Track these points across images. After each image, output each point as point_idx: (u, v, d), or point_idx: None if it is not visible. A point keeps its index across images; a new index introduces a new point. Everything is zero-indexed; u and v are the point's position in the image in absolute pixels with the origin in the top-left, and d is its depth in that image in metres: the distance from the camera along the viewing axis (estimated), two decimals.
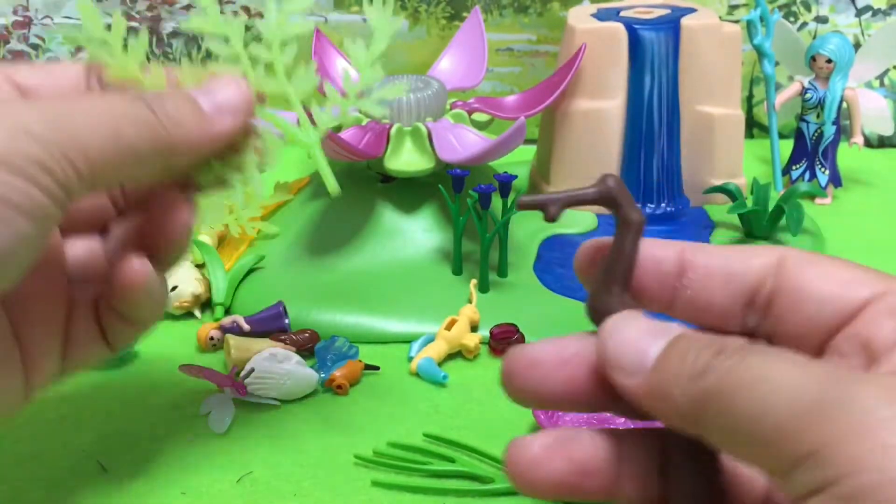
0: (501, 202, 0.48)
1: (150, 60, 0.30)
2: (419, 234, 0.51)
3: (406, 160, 0.50)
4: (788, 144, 0.63)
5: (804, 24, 0.71)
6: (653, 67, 0.54)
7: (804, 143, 0.61)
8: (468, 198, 0.48)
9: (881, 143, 0.71)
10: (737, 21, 0.60)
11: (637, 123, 0.55)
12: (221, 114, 0.29)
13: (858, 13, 0.70)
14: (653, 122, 0.55)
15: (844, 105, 0.60)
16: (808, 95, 0.60)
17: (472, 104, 0.55)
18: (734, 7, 0.71)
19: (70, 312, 0.31)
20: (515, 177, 0.48)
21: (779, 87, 0.62)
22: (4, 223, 0.24)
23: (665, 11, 0.57)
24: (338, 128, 0.52)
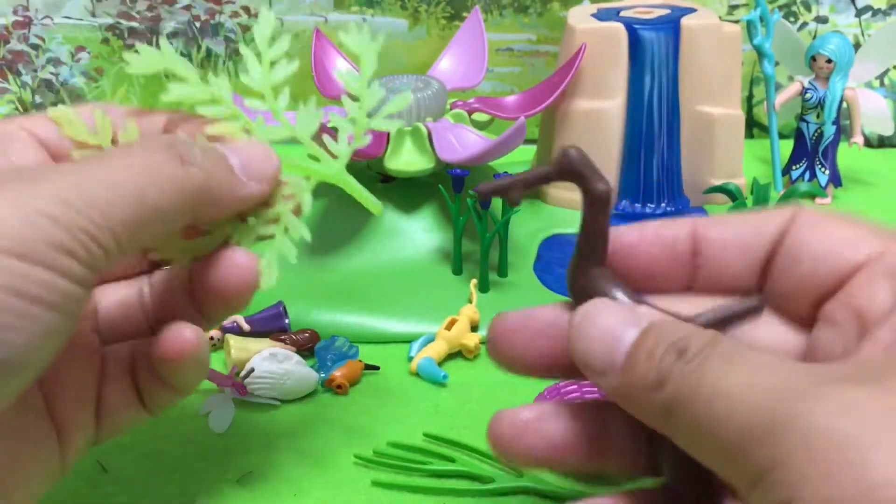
0: (501, 202, 0.48)
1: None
2: (419, 234, 0.51)
3: (406, 160, 0.50)
4: (788, 144, 0.63)
5: (804, 24, 0.71)
6: (653, 67, 0.54)
7: (804, 143, 0.61)
8: (468, 198, 0.48)
9: (881, 143, 0.71)
10: (737, 21, 0.60)
11: (637, 123, 0.55)
12: (250, 178, 0.28)
13: (858, 13, 0.70)
14: (653, 122, 0.55)
15: (844, 105, 0.60)
16: (808, 95, 0.60)
17: (472, 104, 0.55)
18: (734, 7, 0.71)
19: (102, 376, 0.29)
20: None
21: (779, 87, 0.62)
22: (26, 319, 0.21)
23: (665, 11, 0.57)
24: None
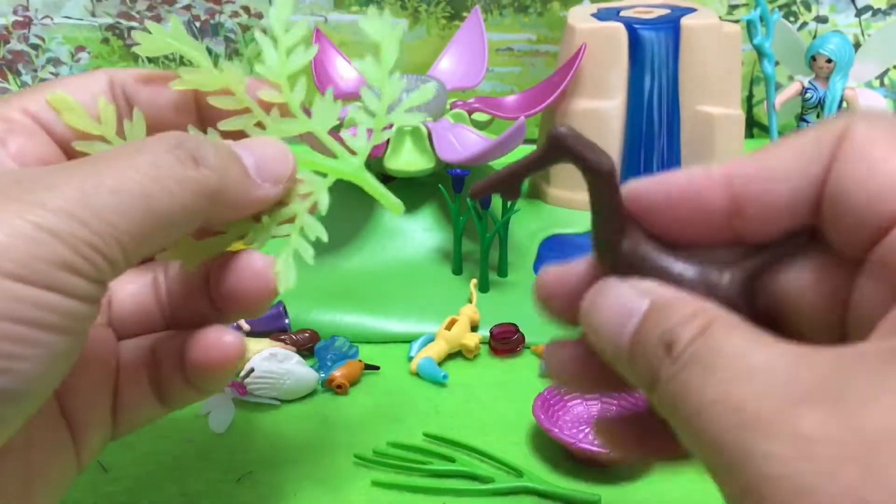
0: (501, 202, 0.48)
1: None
2: (419, 234, 0.51)
3: (406, 160, 0.50)
4: None
5: (804, 24, 0.71)
6: (653, 67, 0.54)
7: None
8: (468, 198, 0.48)
9: None
10: (737, 21, 0.60)
11: (637, 123, 0.55)
12: (264, 179, 0.26)
13: (858, 13, 0.70)
14: (653, 122, 0.55)
15: (844, 105, 0.60)
16: (809, 95, 0.60)
17: (472, 104, 0.55)
18: (734, 7, 0.71)
19: (118, 373, 0.28)
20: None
21: (779, 87, 0.62)
22: (31, 346, 0.20)
23: (665, 11, 0.57)
24: (337, 128, 0.52)
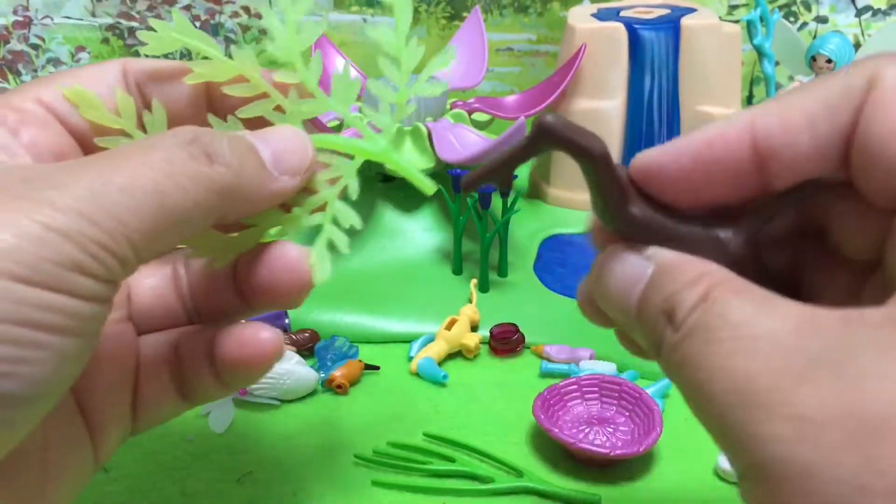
0: (501, 202, 0.48)
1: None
2: (419, 234, 0.51)
3: (406, 160, 0.50)
4: None
5: (804, 24, 0.71)
6: (653, 67, 0.54)
7: None
8: (468, 198, 0.48)
9: None
10: (737, 21, 0.60)
11: (637, 123, 0.55)
12: (282, 172, 0.25)
13: (858, 13, 0.70)
14: (653, 122, 0.55)
15: None
16: None
17: (472, 104, 0.55)
18: (734, 7, 0.71)
19: (138, 368, 0.28)
20: (515, 176, 0.48)
21: (779, 87, 0.62)
22: (40, 349, 0.19)
23: (665, 11, 0.57)
24: (338, 127, 0.52)
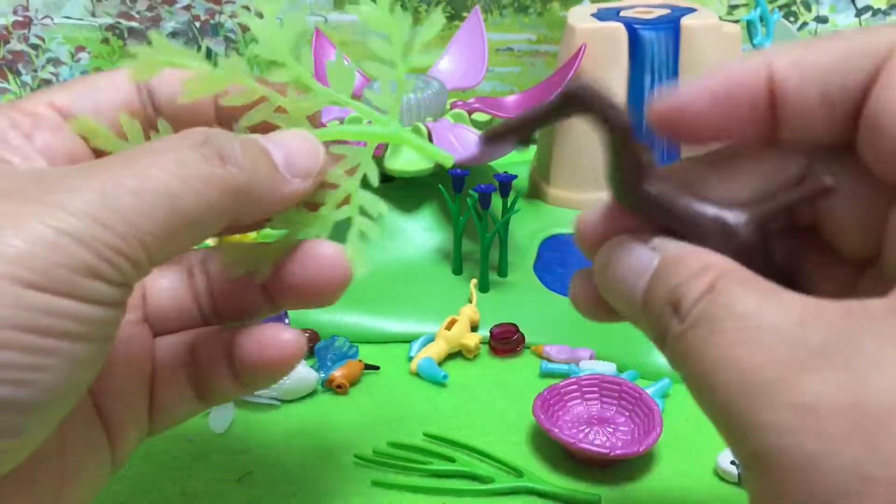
0: (501, 202, 0.48)
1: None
2: (419, 234, 0.51)
3: (406, 160, 0.50)
4: None
5: (804, 24, 0.71)
6: (653, 67, 0.54)
7: None
8: (468, 198, 0.48)
9: None
10: (737, 21, 0.60)
11: (637, 123, 0.55)
12: (294, 175, 0.25)
13: (858, 13, 0.70)
14: None
15: None
16: None
17: (472, 104, 0.55)
18: (734, 7, 0.71)
19: (154, 370, 0.28)
20: (515, 176, 0.48)
21: None
22: (53, 356, 0.19)
23: (665, 11, 0.57)
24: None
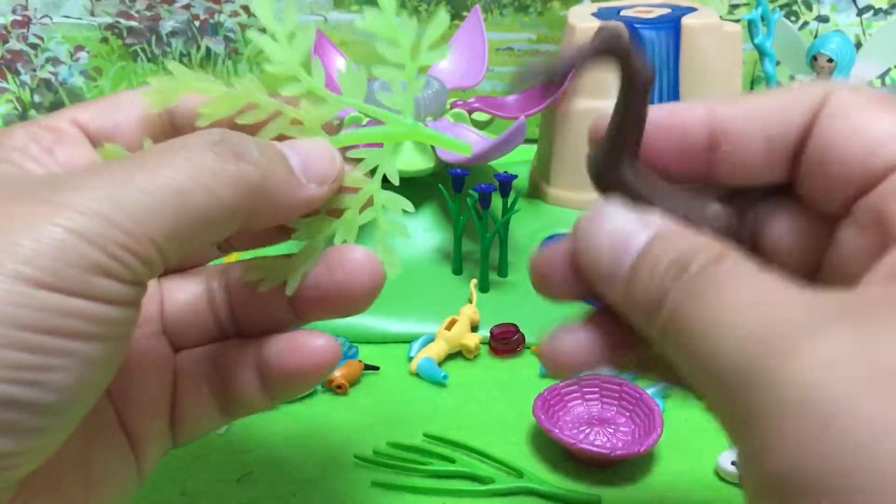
0: (501, 202, 0.48)
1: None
2: (419, 234, 0.51)
3: (406, 160, 0.50)
4: None
5: (805, 24, 0.71)
6: (653, 67, 0.54)
7: None
8: (468, 198, 0.48)
9: None
10: (738, 20, 0.60)
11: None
12: (310, 180, 0.25)
13: (860, 12, 0.70)
14: None
15: None
16: None
17: (473, 104, 0.55)
18: (735, 6, 0.71)
19: (176, 383, 0.28)
20: (515, 176, 0.48)
21: (780, 87, 0.62)
22: (65, 357, 0.19)
23: (666, 10, 0.57)
24: (338, 127, 0.52)
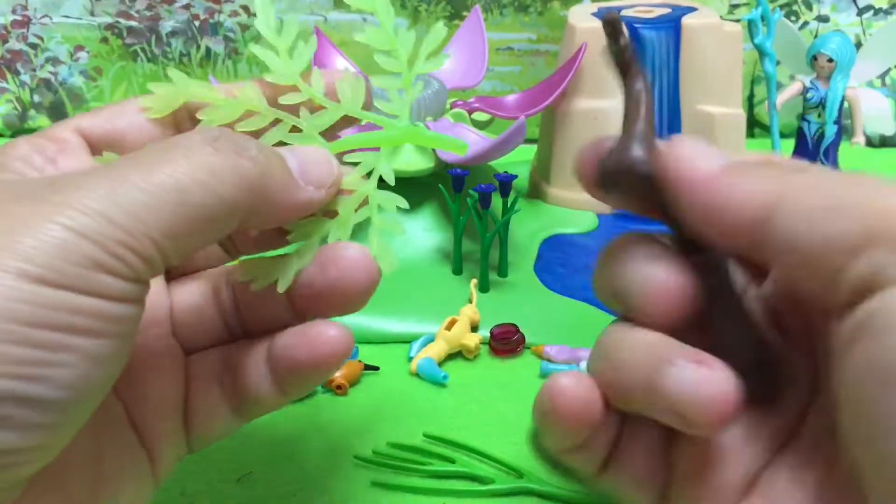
0: (501, 202, 0.48)
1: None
2: (419, 234, 0.51)
3: (406, 160, 0.50)
4: (790, 144, 0.63)
5: (805, 24, 0.71)
6: (653, 67, 0.54)
7: (805, 143, 0.61)
8: (468, 198, 0.48)
9: (883, 143, 0.71)
10: (738, 20, 0.60)
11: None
12: (308, 183, 0.25)
13: (860, 12, 0.70)
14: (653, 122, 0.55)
15: (846, 104, 0.60)
16: (810, 95, 0.59)
17: (473, 104, 0.55)
18: (735, 6, 0.71)
19: (188, 384, 0.28)
20: (515, 176, 0.48)
21: (780, 87, 0.62)
22: (68, 352, 0.19)
23: (666, 10, 0.57)
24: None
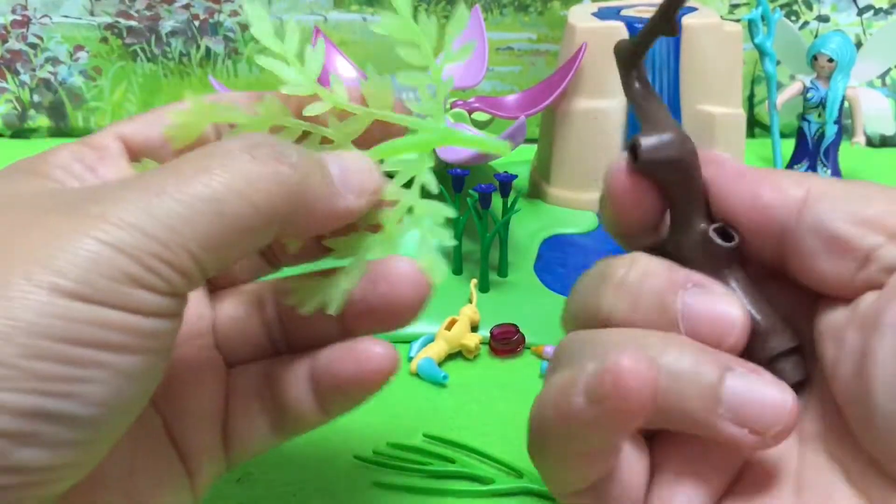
0: (501, 202, 0.48)
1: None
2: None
3: (406, 160, 0.50)
4: (790, 144, 0.62)
5: (805, 23, 0.71)
6: (653, 66, 0.54)
7: (805, 143, 0.61)
8: (468, 198, 0.48)
9: (883, 143, 0.71)
10: (738, 20, 0.60)
11: (637, 123, 0.55)
12: (348, 190, 0.24)
13: (860, 12, 0.70)
14: None
15: (846, 104, 0.60)
16: (810, 95, 0.59)
17: (473, 103, 0.55)
18: (735, 6, 0.71)
19: (228, 399, 0.27)
20: (515, 176, 0.48)
21: (780, 87, 0.62)
22: (101, 369, 0.18)
23: None
24: None
